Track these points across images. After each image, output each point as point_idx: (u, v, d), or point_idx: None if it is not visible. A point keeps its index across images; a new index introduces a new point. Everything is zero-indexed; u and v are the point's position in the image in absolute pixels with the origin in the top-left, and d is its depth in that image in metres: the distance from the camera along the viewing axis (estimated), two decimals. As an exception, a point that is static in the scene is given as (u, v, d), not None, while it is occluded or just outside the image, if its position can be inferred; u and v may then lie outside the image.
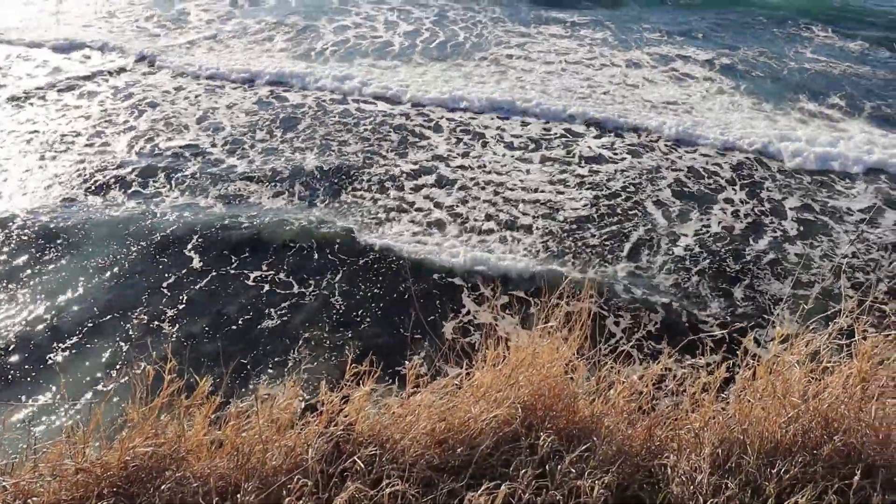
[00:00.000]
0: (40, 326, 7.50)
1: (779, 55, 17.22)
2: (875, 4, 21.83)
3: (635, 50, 17.29)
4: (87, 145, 11.59)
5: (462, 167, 11.29)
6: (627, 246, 9.26)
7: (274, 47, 16.68)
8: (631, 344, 4.12)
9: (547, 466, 3.30)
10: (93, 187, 10.37)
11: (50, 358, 7.07)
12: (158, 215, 9.65)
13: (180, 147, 11.69)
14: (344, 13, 19.36)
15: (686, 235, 9.56)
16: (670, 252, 9.16)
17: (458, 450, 3.44)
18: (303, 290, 8.20)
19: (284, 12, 19.32)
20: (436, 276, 8.50)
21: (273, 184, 10.62)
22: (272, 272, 8.50)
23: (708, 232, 9.66)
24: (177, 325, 7.56)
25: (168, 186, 10.47)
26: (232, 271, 8.50)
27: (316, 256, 8.81)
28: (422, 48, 16.96)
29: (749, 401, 3.65)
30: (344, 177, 10.85)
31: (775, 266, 8.91)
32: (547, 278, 8.19)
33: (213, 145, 11.78)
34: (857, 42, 18.40)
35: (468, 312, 7.94)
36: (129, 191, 10.32)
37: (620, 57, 16.74)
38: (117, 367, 6.91)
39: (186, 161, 11.25)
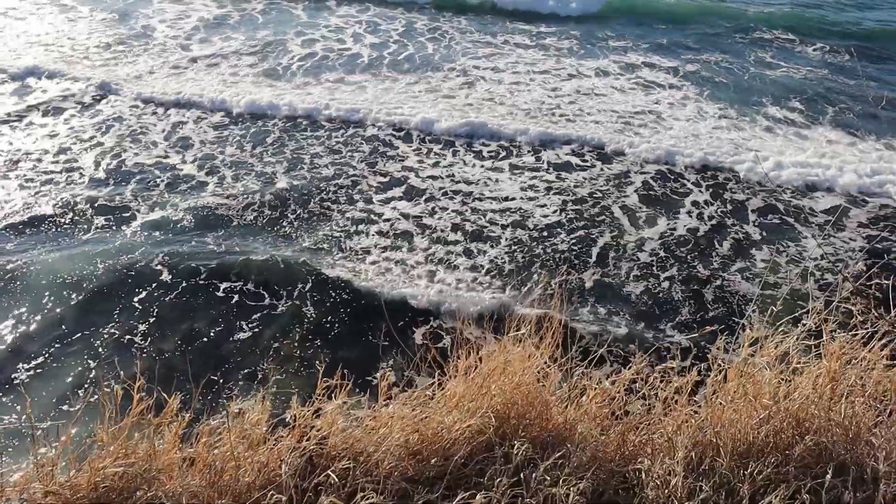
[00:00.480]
0: (5, 347, 7.36)
1: (741, 61, 17.47)
2: (833, 12, 22.23)
3: (602, 59, 17.42)
4: (53, 163, 11.44)
5: (432, 177, 11.30)
6: (595, 251, 9.30)
7: (241, 63, 16.55)
8: (602, 349, 4.14)
9: (522, 475, 3.29)
10: (60, 205, 10.23)
11: (16, 379, 6.94)
12: (128, 234, 9.54)
13: (149, 165, 11.57)
14: (313, 27, 19.33)
15: (653, 239, 9.63)
16: (636, 258, 9.21)
17: (433, 461, 3.42)
18: (273, 302, 8.14)
19: (252, 27, 19.25)
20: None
21: (244, 198, 10.54)
22: (241, 286, 8.42)
23: (673, 235, 9.74)
24: (145, 343, 7.46)
25: (137, 203, 10.34)
26: (201, 288, 8.40)
27: (284, 272, 8.74)
28: (390, 60, 16.97)
29: (721, 403, 3.67)
30: (314, 190, 10.81)
31: (743, 270, 9.00)
32: (513, 294, 8.24)
33: (184, 162, 11.70)
34: (816, 48, 18.73)
35: (438, 316, 7.95)
36: (97, 206, 10.19)
37: (588, 66, 16.86)
38: (85, 386, 6.80)
39: (155, 178, 11.14)
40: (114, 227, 9.68)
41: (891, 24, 21.11)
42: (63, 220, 9.82)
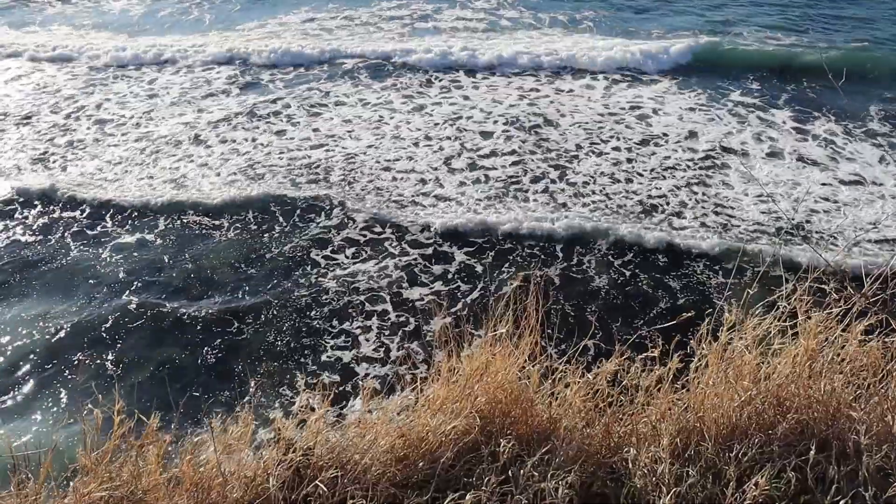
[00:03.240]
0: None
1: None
2: None
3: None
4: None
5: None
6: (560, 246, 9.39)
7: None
8: (582, 343, 4.18)
9: (510, 472, 3.31)
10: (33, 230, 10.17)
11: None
12: (105, 257, 9.48)
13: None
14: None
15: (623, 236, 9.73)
16: (607, 248, 9.31)
17: (420, 464, 3.44)
18: (247, 320, 8.10)
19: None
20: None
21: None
22: (216, 301, 8.40)
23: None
24: (122, 367, 7.41)
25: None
26: (173, 306, 8.37)
27: (262, 282, 8.74)
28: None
29: (702, 388, 3.72)
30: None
31: (716, 253, 9.11)
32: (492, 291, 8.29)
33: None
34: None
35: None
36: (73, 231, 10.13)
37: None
38: (64, 413, 6.74)
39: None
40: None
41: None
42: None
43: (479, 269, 8.95)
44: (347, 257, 9.28)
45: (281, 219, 10.25)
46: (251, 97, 15.13)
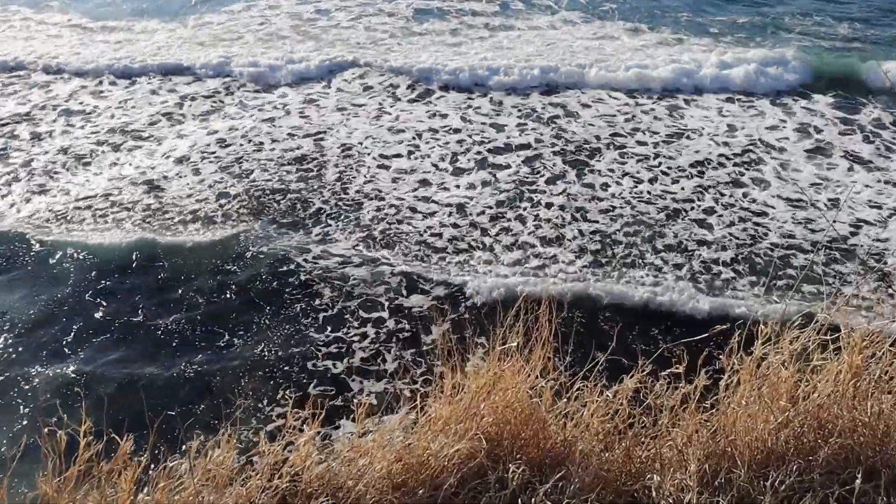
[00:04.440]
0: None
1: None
2: None
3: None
4: None
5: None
6: (585, 244, 9.32)
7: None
8: (601, 359, 4.11)
9: (520, 501, 3.27)
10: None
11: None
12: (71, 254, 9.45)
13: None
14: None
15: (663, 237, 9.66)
16: (635, 255, 9.24)
17: (420, 492, 3.40)
18: (231, 330, 8.06)
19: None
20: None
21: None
22: (196, 311, 8.36)
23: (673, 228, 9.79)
24: (90, 383, 7.34)
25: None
26: (146, 314, 8.32)
27: (246, 295, 8.70)
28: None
29: (734, 408, 3.67)
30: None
31: (747, 263, 9.03)
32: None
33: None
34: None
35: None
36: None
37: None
38: (23, 434, 6.67)
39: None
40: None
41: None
42: None
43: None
44: (340, 260, 9.25)
45: (263, 220, 10.23)
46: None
